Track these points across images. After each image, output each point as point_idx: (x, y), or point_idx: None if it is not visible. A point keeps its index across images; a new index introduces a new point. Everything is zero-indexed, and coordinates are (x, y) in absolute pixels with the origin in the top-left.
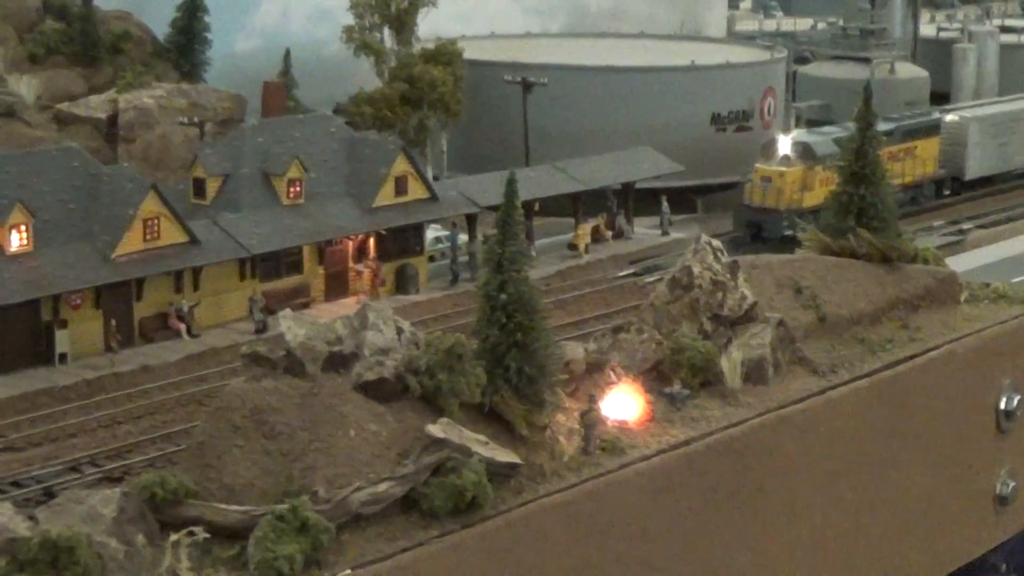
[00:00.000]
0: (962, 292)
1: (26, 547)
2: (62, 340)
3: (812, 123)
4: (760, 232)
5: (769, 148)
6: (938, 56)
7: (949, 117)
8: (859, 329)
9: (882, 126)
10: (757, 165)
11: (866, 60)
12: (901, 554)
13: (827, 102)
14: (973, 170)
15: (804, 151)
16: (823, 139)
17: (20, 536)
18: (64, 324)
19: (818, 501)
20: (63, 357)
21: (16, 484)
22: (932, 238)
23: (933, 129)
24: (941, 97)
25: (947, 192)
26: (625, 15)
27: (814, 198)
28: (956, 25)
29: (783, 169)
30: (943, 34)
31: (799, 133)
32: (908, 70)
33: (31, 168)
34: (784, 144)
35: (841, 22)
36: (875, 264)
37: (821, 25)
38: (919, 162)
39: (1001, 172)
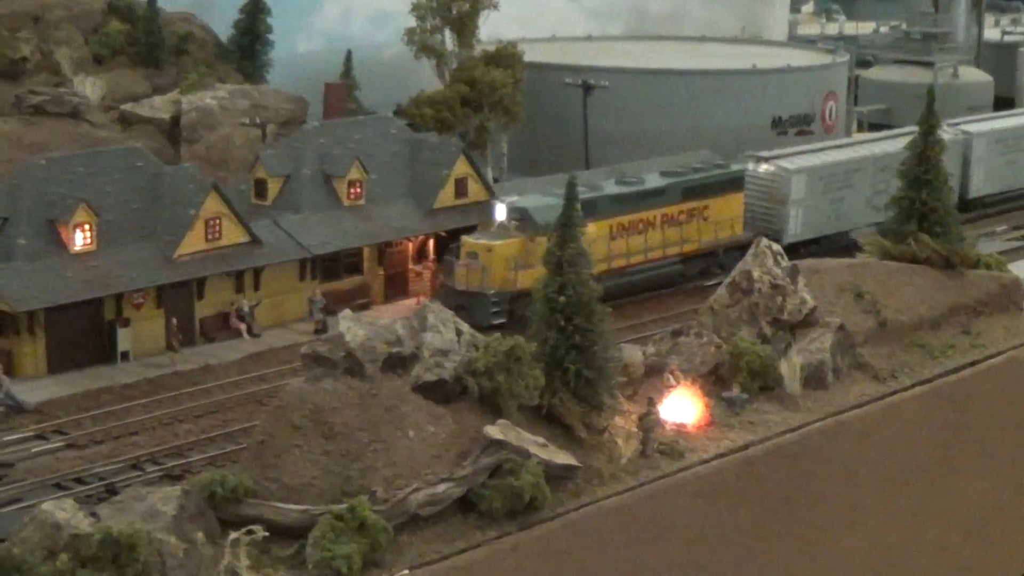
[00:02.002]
0: None
1: (88, 544)
2: (124, 339)
3: (874, 127)
4: (468, 319)
5: (487, 215)
6: (1002, 60)
7: (764, 168)
8: (920, 334)
9: (653, 182)
10: (464, 238)
11: (929, 64)
12: (961, 562)
13: (889, 106)
14: (795, 232)
15: (523, 219)
16: (548, 203)
17: (82, 532)
18: (126, 323)
19: (877, 508)
20: (125, 355)
21: (79, 481)
22: (995, 243)
23: (732, 184)
24: (1005, 102)
25: None
26: (686, 18)
27: (535, 277)
28: (1021, 29)
29: (492, 243)
30: (1008, 38)
31: (520, 197)
32: (971, 74)
33: (95, 168)
34: (499, 211)
35: (904, 26)
36: (937, 269)
37: (884, 29)
38: (711, 225)
39: (832, 233)
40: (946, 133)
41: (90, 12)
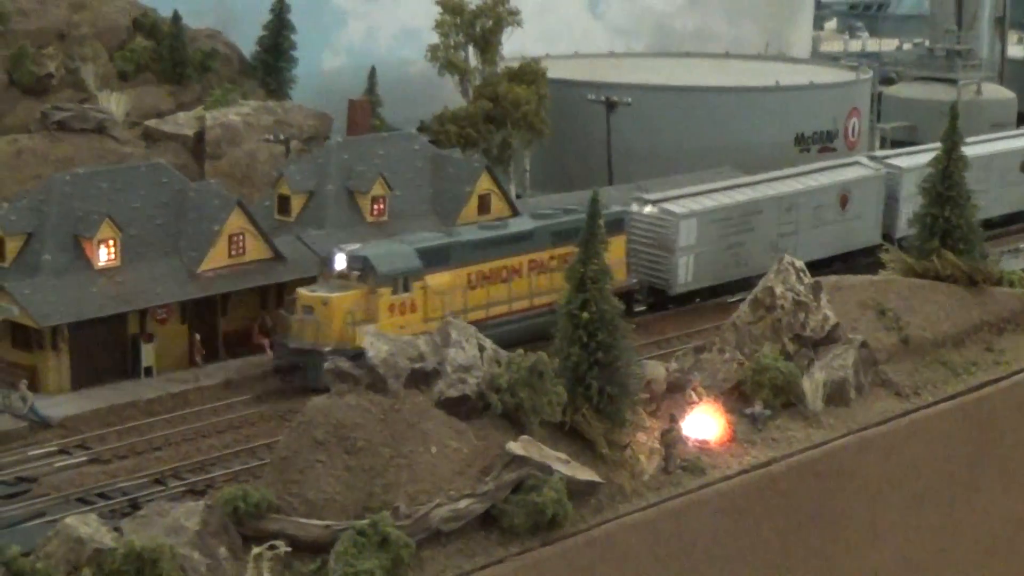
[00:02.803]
0: None
1: (111, 558)
2: (148, 354)
3: (897, 143)
4: (302, 378)
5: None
6: None
7: (648, 211)
8: (943, 351)
9: (518, 226)
10: (299, 290)
11: (952, 81)
12: None
13: (912, 123)
14: (685, 282)
15: (364, 269)
16: (393, 251)
17: (106, 547)
18: (150, 338)
19: (901, 525)
20: (148, 371)
21: (102, 496)
22: (1019, 260)
23: (612, 227)
24: None
25: (643, 308)
26: (710, 35)
27: None
28: None
29: (329, 295)
30: None
31: (363, 245)
32: (995, 91)
33: (120, 184)
34: (338, 260)
35: (927, 43)
36: (960, 286)
37: (907, 46)
38: None
39: (731, 281)
40: (867, 168)
41: (115, 29)
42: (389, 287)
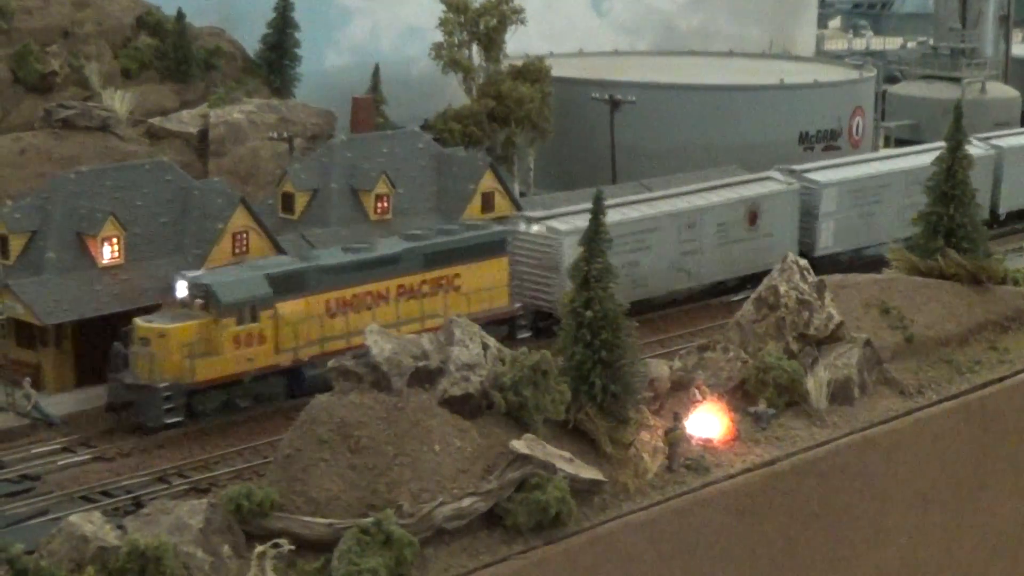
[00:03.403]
0: None
1: (115, 556)
2: None
3: (901, 142)
4: (135, 416)
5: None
6: None
7: (535, 229)
8: (947, 350)
9: (386, 248)
10: (136, 321)
11: (956, 80)
12: None
13: (916, 122)
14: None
15: (207, 297)
16: (241, 278)
17: (109, 545)
18: None
19: (905, 524)
20: None
21: (106, 494)
22: (1023, 259)
23: (492, 248)
24: None
25: (528, 334)
26: (714, 33)
27: (223, 366)
28: None
29: (166, 326)
30: None
31: (207, 272)
32: (999, 90)
33: (124, 182)
34: (179, 287)
35: (931, 41)
36: (964, 285)
37: (911, 44)
38: (463, 297)
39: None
40: (779, 182)
41: (119, 27)
42: (234, 317)
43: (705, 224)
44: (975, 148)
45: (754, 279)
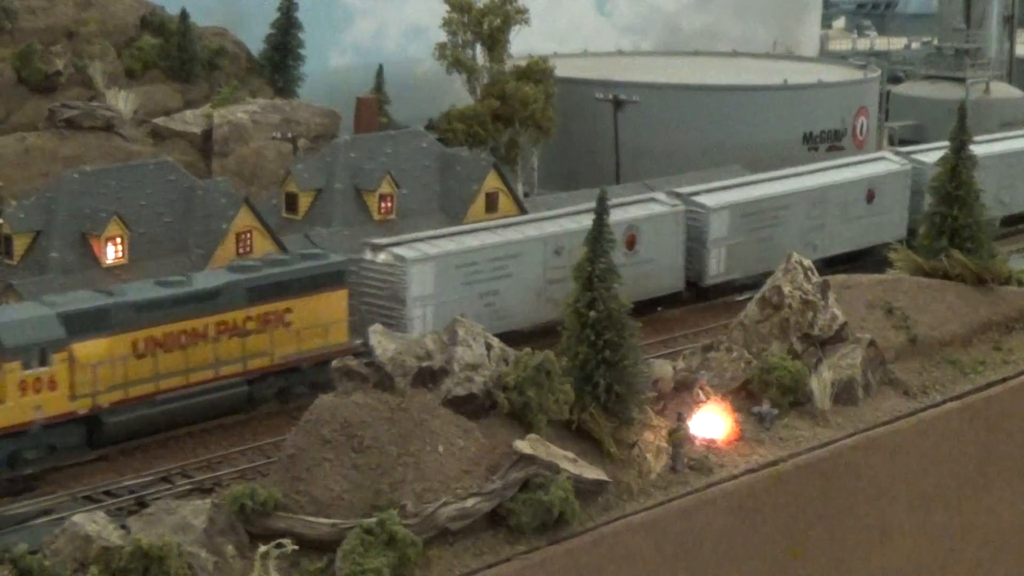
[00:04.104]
0: None
1: (118, 556)
2: None
3: (905, 142)
4: None
5: None
6: None
7: (382, 258)
8: (951, 350)
9: (204, 282)
10: None
11: (961, 80)
12: None
13: (920, 122)
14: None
15: None
16: (29, 317)
17: (113, 545)
18: None
19: (909, 525)
20: None
21: (109, 494)
22: None
23: (329, 279)
24: None
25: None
26: (718, 34)
27: (6, 415)
28: None
29: None
30: None
31: None
32: (1003, 90)
33: (128, 182)
34: None
35: (936, 41)
36: (968, 285)
37: (915, 45)
38: (294, 334)
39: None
40: (663, 204)
41: (123, 27)
42: (19, 361)
43: (575, 251)
44: (889, 162)
45: (640, 308)
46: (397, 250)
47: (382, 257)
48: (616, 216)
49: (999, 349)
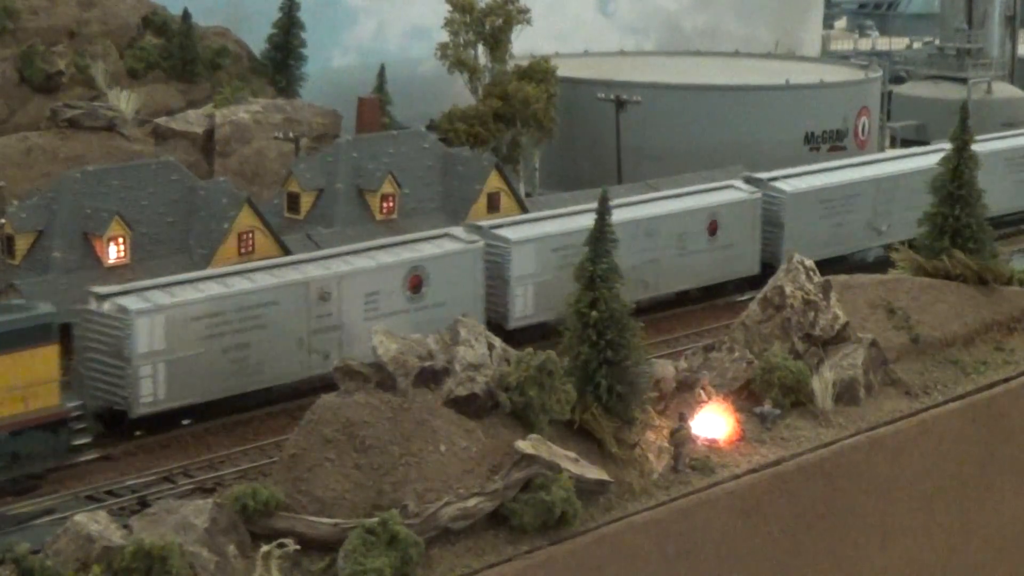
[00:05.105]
0: None
1: (120, 556)
2: None
3: (907, 142)
4: None
5: None
6: None
7: (107, 307)
8: (953, 351)
9: None
10: None
11: (963, 80)
12: None
13: (922, 122)
14: (153, 400)
15: None
16: None
17: (115, 545)
18: None
19: (911, 525)
20: None
21: (111, 493)
22: None
23: (33, 335)
24: None
25: (86, 441)
26: (720, 34)
27: None
28: None
29: None
30: None
31: None
32: (1005, 90)
33: (130, 182)
34: None
35: (938, 42)
36: (970, 285)
37: (917, 45)
38: None
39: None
40: (458, 241)
41: (125, 27)
42: None
43: (354, 293)
44: (737, 191)
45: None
46: (122, 300)
47: (106, 307)
48: (399, 256)
49: (1001, 349)
